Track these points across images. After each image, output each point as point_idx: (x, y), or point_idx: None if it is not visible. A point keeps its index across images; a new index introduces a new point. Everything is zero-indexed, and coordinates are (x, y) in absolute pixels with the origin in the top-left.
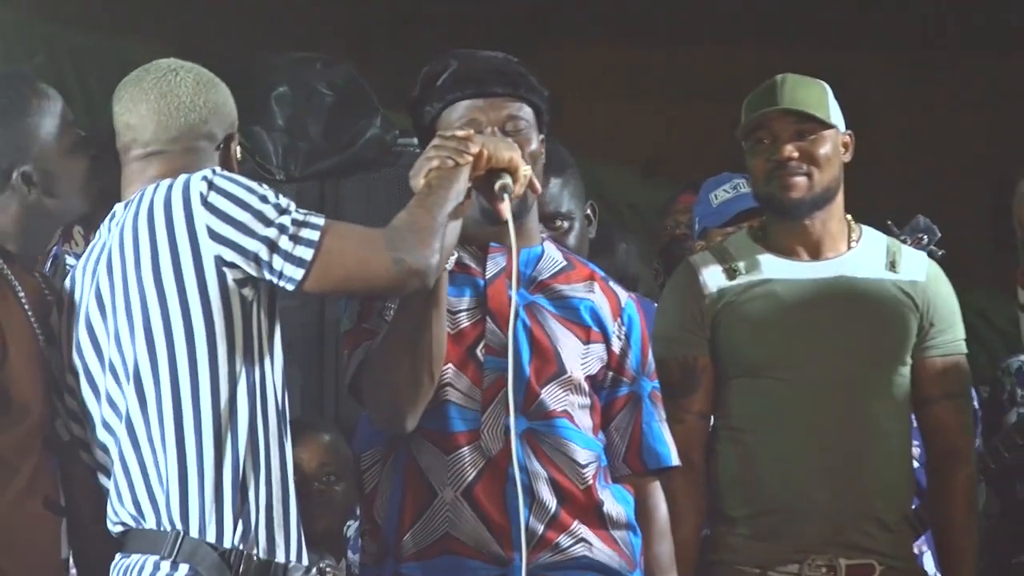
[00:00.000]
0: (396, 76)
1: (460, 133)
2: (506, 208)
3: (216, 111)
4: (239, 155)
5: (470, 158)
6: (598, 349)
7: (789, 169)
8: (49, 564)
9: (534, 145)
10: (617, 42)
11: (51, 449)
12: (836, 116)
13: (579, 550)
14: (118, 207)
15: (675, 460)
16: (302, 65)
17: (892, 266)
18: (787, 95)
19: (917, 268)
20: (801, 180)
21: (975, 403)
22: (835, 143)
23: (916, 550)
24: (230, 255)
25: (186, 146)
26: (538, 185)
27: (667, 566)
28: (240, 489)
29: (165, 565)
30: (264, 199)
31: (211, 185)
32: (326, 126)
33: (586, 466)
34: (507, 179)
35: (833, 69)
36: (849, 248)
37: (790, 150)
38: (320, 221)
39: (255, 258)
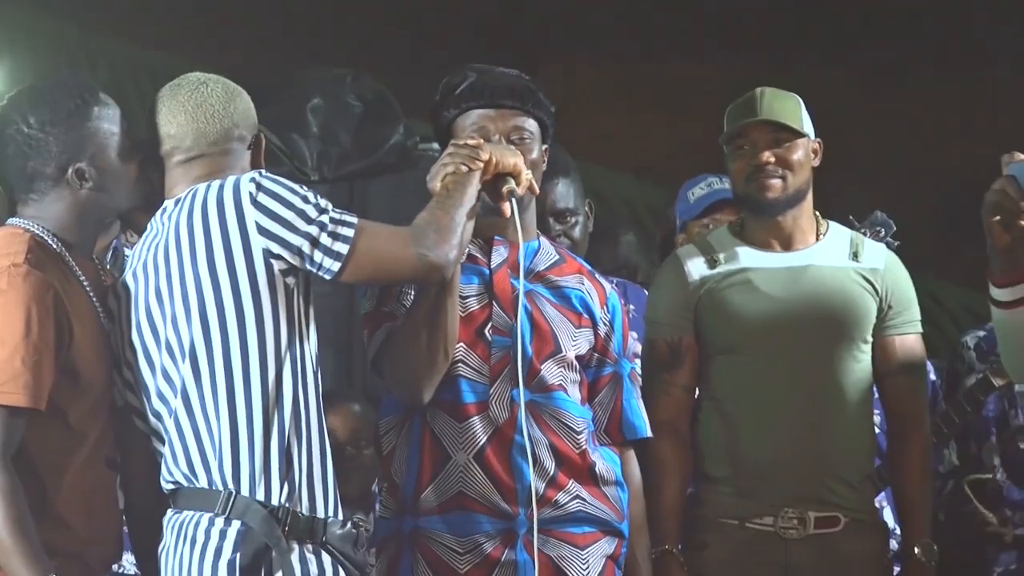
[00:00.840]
0: (411, 89)
1: (471, 142)
2: (511, 208)
3: (244, 116)
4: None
5: (481, 164)
6: (587, 333)
7: (766, 172)
8: (111, 516)
9: (535, 154)
10: (612, 58)
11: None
12: (808, 126)
13: (575, 505)
14: (168, 203)
15: (648, 432)
16: (334, 80)
17: (855, 256)
18: (765, 107)
19: (877, 258)
20: (777, 182)
21: (931, 375)
22: (806, 149)
23: (877, 504)
24: (276, 248)
25: (222, 149)
26: (537, 188)
27: (640, 525)
28: (286, 454)
29: (219, 521)
30: (305, 199)
31: (259, 186)
32: (355, 133)
33: (580, 432)
34: (512, 183)
35: (803, 83)
36: (817, 240)
37: (767, 156)
38: (354, 220)
39: (298, 251)
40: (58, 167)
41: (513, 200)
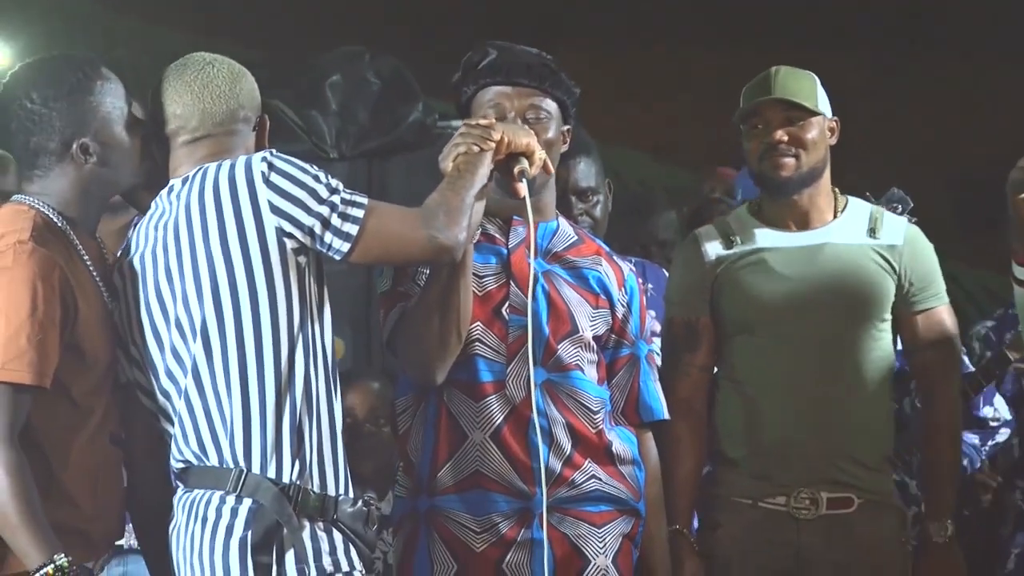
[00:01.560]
0: (428, 68)
1: (483, 122)
2: (523, 188)
3: (249, 97)
4: (265, 137)
5: (493, 144)
6: (604, 313)
7: (779, 151)
8: (115, 492)
9: (550, 134)
10: (628, 43)
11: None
12: (823, 104)
13: (591, 484)
14: (175, 182)
15: (665, 414)
16: (353, 58)
17: (872, 232)
18: (779, 85)
19: (896, 233)
20: (790, 161)
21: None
22: (821, 128)
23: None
24: (289, 227)
25: (228, 129)
26: (551, 167)
27: (657, 505)
28: (297, 433)
29: (231, 499)
30: (317, 179)
31: (271, 166)
32: (373, 111)
33: (597, 412)
34: (524, 163)
35: (818, 69)
36: (834, 218)
37: (780, 135)
38: (364, 201)
39: (310, 231)
40: (62, 142)
41: (525, 180)
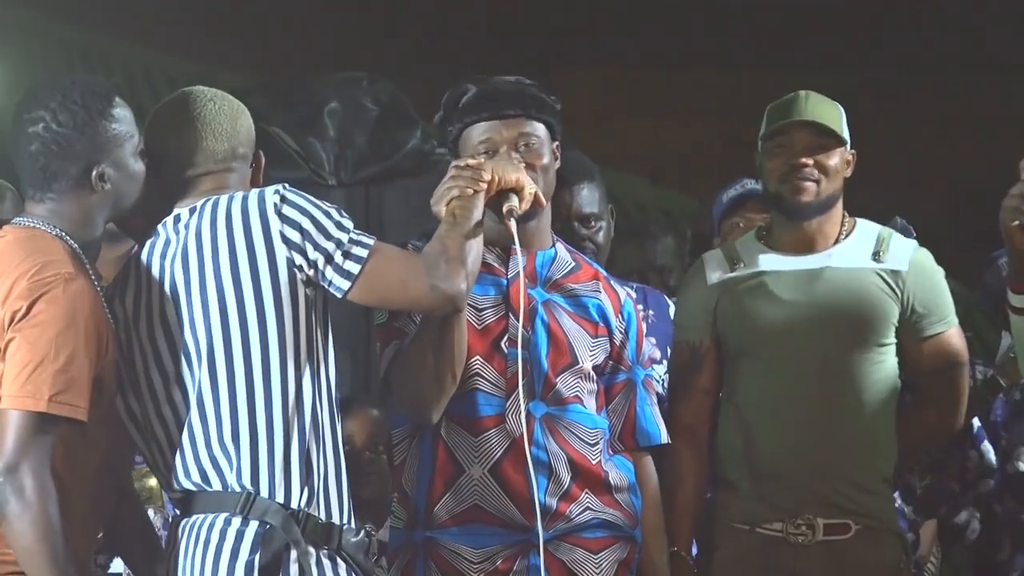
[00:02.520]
0: (429, 93)
1: (472, 162)
2: (513, 226)
3: (247, 134)
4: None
5: (484, 186)
6: (603, 342)
7: (803, 175)
8: (104, 518)
9: (545, 159)
10: (626, 64)
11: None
12: (847, 134)
13: (587, 515)
14: (182, 212)
15: (664, 439)
16: (351, 84)
17: (876, 256)
18: (809, 109)
19: (901, 258)
20: (811, 186)
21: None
22: (842, 158)
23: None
24: (298, 259)
25: (227, 166)
26: (543, 200)
27: (655, 531)
28: (306, 460)
29: (236, 521)
30: (327, 214)
31: (284, 198)
32: (371, 137)
33: (595, 445)
34: (514, 200)
35: (815, 90)
36: (838, 241)
37: (806, 159)
38: (371, 241)
39: (314, 265)
40: (83, 168)
41: (513, 217)
